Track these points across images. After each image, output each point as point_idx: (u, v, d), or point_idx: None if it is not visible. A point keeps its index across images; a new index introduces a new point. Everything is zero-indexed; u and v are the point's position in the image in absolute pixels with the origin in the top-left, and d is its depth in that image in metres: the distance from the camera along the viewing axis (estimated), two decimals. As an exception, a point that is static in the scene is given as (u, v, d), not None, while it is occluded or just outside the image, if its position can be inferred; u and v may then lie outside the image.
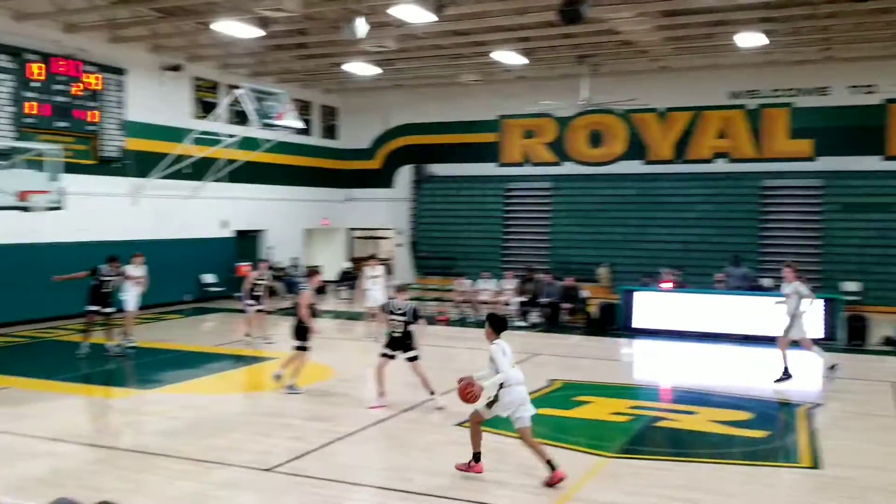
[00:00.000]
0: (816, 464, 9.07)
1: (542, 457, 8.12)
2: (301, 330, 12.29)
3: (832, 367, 13.51)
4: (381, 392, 11.42)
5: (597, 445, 9.60)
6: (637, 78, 25.86)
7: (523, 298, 20.78)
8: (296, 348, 12.35)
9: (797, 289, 13.32)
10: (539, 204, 28.11)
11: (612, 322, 19.43)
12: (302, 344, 12.28)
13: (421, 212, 29.62)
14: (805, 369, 13.86)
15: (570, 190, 27.66)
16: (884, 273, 23.04)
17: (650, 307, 19.27)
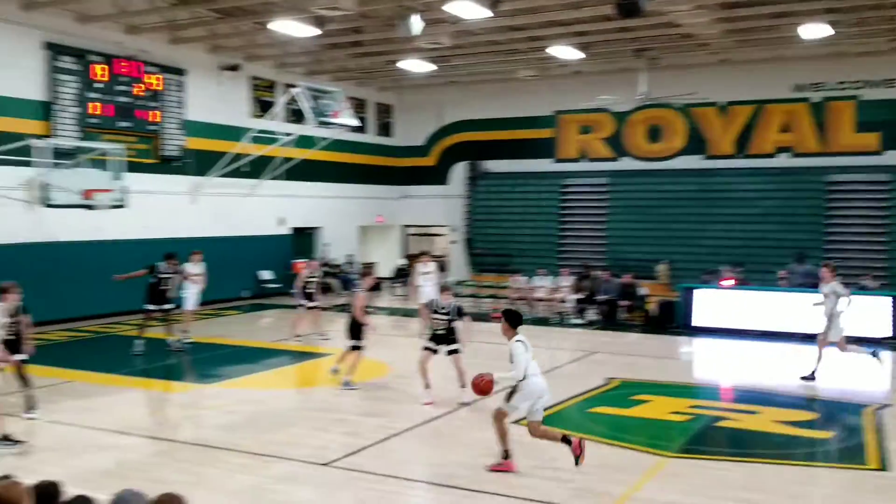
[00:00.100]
0: (884, 465, 8.80)
1: (556, 440, 8.21)
2: (356, 328, 12.41)
3: (874, 354, 13.41)
4: (427, 384, 11.49)
5: (656, 445, 9.43)
6: (696, 71, 25.38)
7: (580, 296, 20.60)
8: (351, 347, 12.45)
9: (835, 288, 13.07)
10: (596, 200, 27.78)
11: (672, 320, 19.12)
12: (357, 343, 12.39)
13: (476, 208, 29.54)
14: (870, 370, 13.49)
15: (628, 185, 27.29)
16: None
17: (710, 305, 18.88)
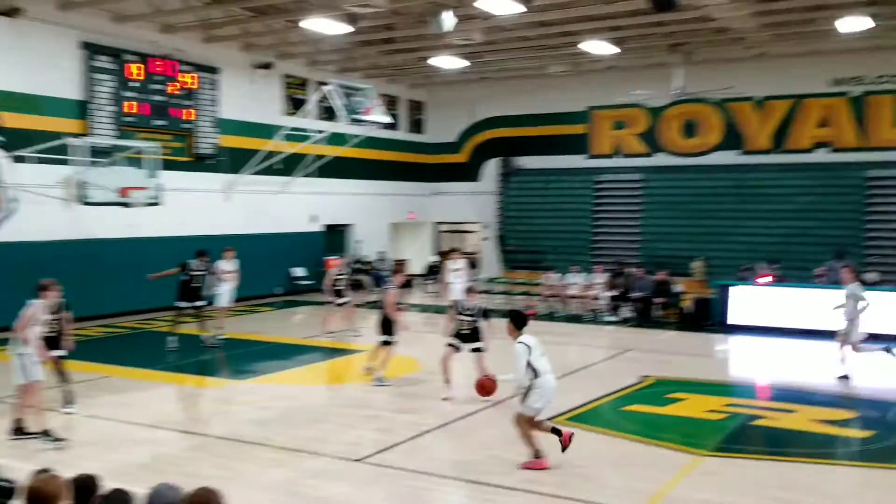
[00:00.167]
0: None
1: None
2: (386, 324, 12.47)
3: (887, 350, 13.27)
4: (447, 380, 11.52)
5: (691, 443, 9.30)
6: (732, 66, 24.98)
7: (614, 293, 20.43)
8: (381, 343, 12.49)
9: (854, 291, 12.83)
10: (630, 196, 27.50)
11: (707, 317, 18.89)
12: (387, 338, 12.43)
13: (508, 205, 29.42)
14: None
15: (663, 181, 26.99)
16: None
17: (747, 302, 18.60)
